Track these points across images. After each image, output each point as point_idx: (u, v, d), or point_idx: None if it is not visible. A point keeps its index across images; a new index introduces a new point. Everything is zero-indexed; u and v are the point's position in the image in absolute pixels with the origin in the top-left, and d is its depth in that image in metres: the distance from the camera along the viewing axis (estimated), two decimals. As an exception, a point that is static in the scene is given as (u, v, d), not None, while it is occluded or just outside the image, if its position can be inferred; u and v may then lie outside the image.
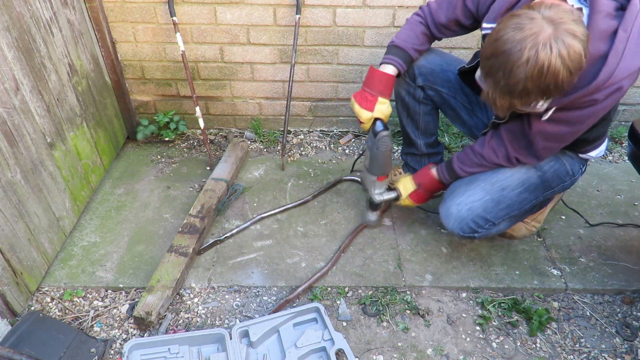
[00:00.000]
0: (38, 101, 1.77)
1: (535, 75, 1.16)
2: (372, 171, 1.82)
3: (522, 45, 1.15)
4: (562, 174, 1.67)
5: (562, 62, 1.14)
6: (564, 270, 1.88)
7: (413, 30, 1.70)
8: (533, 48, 1.14)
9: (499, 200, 1.64)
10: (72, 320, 1.71)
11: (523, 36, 1.15)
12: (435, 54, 1.83)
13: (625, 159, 2.49)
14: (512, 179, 1.64)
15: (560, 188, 1.72)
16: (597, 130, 1.54)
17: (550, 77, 1.16)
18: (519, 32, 1.16)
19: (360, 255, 1.95)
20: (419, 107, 1.92)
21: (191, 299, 1.79)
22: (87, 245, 1.98)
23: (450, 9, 1.62)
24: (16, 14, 1.64)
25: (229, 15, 2.25)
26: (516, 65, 1.17)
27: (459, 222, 1.67)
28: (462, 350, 1.63)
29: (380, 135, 1.68)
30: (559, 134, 1.47)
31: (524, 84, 1.19)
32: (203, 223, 1.97)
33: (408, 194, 1.86)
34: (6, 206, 1.59)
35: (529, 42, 1.14)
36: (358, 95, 1.72)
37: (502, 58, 1.19)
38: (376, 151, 1.72)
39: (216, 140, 2.62)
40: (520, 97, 1.24)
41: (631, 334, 1.68)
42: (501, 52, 1.19)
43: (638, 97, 2.52)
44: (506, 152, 1.60)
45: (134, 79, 2.48)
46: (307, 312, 1.68)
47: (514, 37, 1.16)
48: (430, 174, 1.82)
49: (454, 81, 1.81)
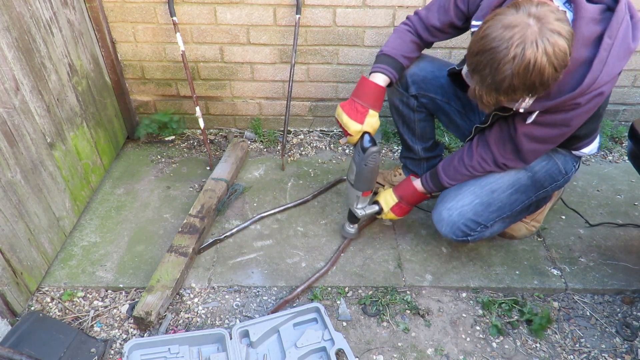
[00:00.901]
0: (38, 101, 1.77)
1: (521, 72, 1.18)
2: (357, 186, 1.77)
3: (509, 43, 1.17)
4: (554, 173, 1.66)
5: (548, 59, 1.16)
6: (564, 270, 1.88)
7: (402, 38, 1.69)
8: (519, 45, 1.16)
9: (489, 203, 1.64)
10: (72, 320, 1.71)
11: (510, 34, 1.17)
12: (427, 60, 1.82)
13: (625, 159, 2.49)
14: (502, 181, 1.64)
15: (554, 187, 1.71)
16: (587, 126, 1.54)
17: (536, 74, 1.18)
18: (506, 29, 1.17)
19: (360, 255, 1.95)
20: (414, 115, 1.92)
21: (191, 299, 1.79)
22: (87, 245, 1.98)
23: (442, 12, 1.61)
24: (16, 14, 1.64)
25: (229, 15, 2.25)
26: (503, 63, 1.19)
27: (450, 226, 1.67)
28: (462, 350, 1.63)
29: (369, 152, 1.64)
30: (544, 137, 1.48)
31: (510, 81, 1.21)
32: (203, 223, 1.97)
33: (390, 207, 1.85)
34: (6, 206, 1.59)
35: (515, 39, 1.16)
36: (347, 105, 1.67)
37: (489, 55, 1.20)
38: (364, 167, 1.68)
39: (216, 140, 2.63)
40: (507, 94, 1.25)
41: (631, 334, 1.68)
42: (488, 50, 1.20)
43: (638, 97, 2.52)
44: (494, 157, 1.60)
45: (134, 79, 2.48)
46: (307, 312, 1.68)
47: (501, 35, 1.18)
48: (412, 186, 1.80)
49: (447, 86, 1.81)
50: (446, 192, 1.72)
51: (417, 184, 1.80)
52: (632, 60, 2.37)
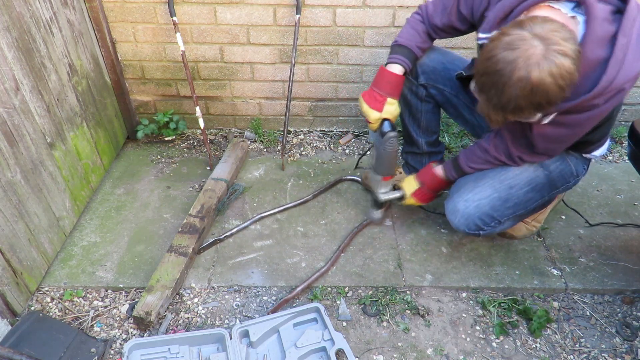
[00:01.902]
0: (38, 101, 1.77)
1: (526, 93, 1.18)
2: (378, 171, 1.85)
3: (513, 66, 1.17)
4: (567, 175, 1.67)
5: (553, 80, 1.16)
6: (564, 270, 1.88)
7: (415, 28, 1.71)
8: (524, 68, 1.16)
9: (507, 199, 1.65)
10: (72, 320, 1.71)
11: (514, 56, 1.16)
12: (438, 52, 1.84)
13: (625, 159, 2.49)
14: (521, 178, 1.65)
15: (565, 188, 1.72)
16: (601, 131, 1.55)
17: (542, 95, 1.18)
18: (510, 52, 1.17)
19: (360, 255, 1.95)
20: (421, 105, 1.93)
21: (191, 299, 1.79)
22: (87, 245, 1.98)
23: (445, 14, 1.62)
24: (16, 14, 1.64)
25: (229, 15, 2.25)
26: (508, 85, 1.19)
27: (465, 218, 1.67)
28: (462, 350, 1.63)
29: (387, 136, 1.70)
30: (559, 137, 1.48)
31: (516, 102, 1.21)
32: (203, 223, 1.97)
33: (411, 192, 1.87)
34: (6, 206, 1.59)
35: (520, 61, 1.16)
36: (367, 95, 1.73)
37: (494, 77, 1.21)
38: (383, 152, 1.75)
39: (216, 140, 2.63)
40: (513, 113, 1.26)
41: (631, 334, 1.68)
42: (493, 72, 1.21)
43: (638, 97, 2.52)
44: (508, 151, 1.60)
45: (134, 79, 2.48)
46: (307, 312, 1.68)
47: (506, 57, 1.18)
48: (433, 171, 1.82)
49: (455, 80, 1.81)
50: (463, 184, 1.72)
51: (437, 170, 1.81)
52: (632, 60, 2.37)
